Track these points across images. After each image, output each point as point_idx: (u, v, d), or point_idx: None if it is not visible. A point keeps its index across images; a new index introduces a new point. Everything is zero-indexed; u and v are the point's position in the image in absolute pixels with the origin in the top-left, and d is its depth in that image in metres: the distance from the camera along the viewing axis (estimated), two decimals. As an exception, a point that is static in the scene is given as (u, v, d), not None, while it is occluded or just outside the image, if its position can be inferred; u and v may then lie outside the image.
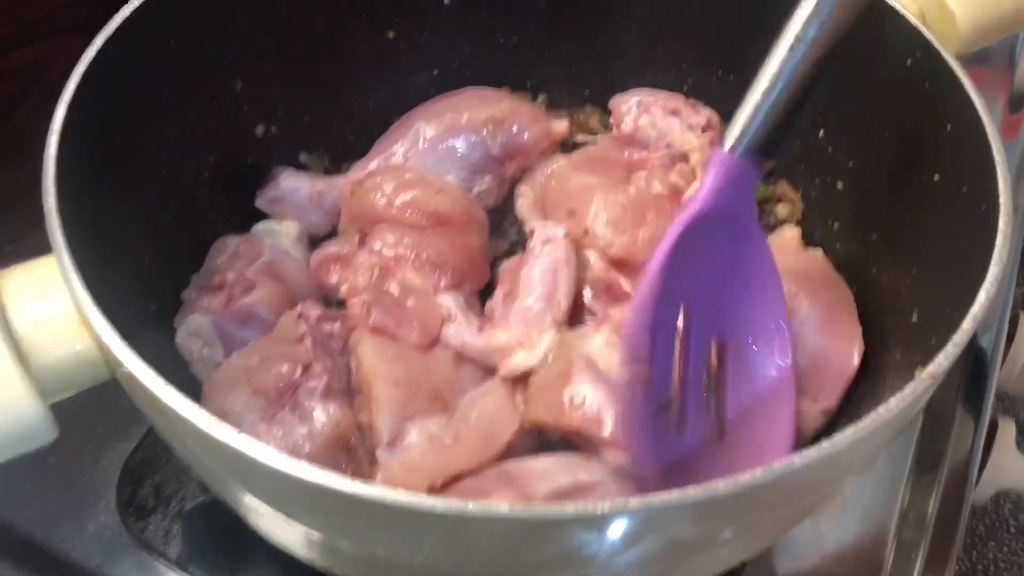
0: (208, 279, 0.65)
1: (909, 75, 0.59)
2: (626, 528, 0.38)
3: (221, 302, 0.63)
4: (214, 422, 0.39)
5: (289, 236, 0.69)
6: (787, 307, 0.60)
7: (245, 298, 0.63)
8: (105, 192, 0.55)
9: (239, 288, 0.64)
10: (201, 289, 0.64)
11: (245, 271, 0.65)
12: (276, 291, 0.65)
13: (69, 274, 0.44)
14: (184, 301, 0.64)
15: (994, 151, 0.52)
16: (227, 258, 0.66)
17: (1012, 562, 1.44)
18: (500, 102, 0.75)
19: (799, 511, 0.50)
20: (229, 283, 0.64)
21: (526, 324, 0.62)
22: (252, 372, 0.57)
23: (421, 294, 0.64)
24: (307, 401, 0.56)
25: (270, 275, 0.65)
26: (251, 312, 0.63)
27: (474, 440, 0.58)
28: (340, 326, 0.63)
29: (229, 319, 0.63)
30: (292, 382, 0.56)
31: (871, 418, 0.41)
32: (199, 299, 0.64)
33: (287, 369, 0.57)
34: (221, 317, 0.63)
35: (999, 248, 0.48)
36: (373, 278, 0.64)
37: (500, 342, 0.61)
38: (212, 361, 0.62)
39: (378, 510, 0.37)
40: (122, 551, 0.65)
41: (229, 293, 0.64)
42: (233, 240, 0.68)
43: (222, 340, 0.62)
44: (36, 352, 0.46)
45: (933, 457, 0.73)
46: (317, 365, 0.57)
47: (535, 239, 0.66)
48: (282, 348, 0.59)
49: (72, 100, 0.51)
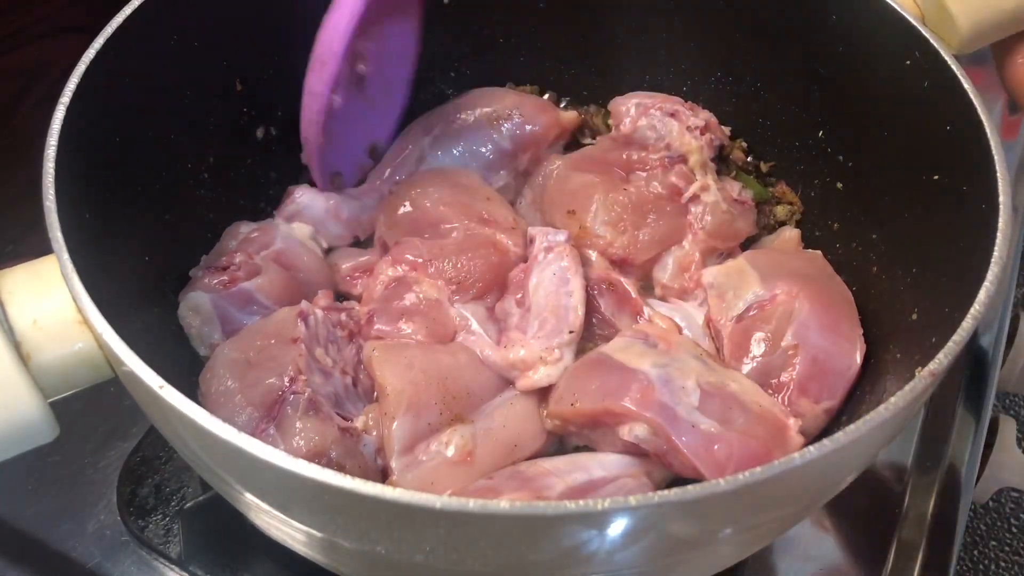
0: (216, 259, 0.66)
1: (909, 76, 0.59)
2: (626, 526, 0.38)
3: (223, 282, 0.64)
4: (214, 421, 0.39)
5: (303, 234, 0.70)
6: (784, 302, 0.62)
7: (247, 282, 0.64)
8: (105, 192, 0.55)
9: (244, 271, 0.64)
10: (208, 268, 0.65)
11: (254, 256, 0.65)
12: (280, 280, 0.65)
13: (69, 274, 0.44)
14: (192, 278, 0.65)
15: (993, 151, 0.52)
16: (238, 242, 0.67)
17: (1013, 561, 1.44)
18: (505, 97, 0.76)
19: (799, 509, 0.50)
20: (235, 265, 0.65)
21: (546, 338, 0.61)
22: (245, 381, 0.57)
23: (434, 304, 0.64)
24: (291, 414, 0.55)
25: (279, 263, 0.66)
26: (251, 296, 0.64)
27: (495, 452, 0.57)
28: (346, 317, 0.63)
29: (228, 300, 0.63)
30: (280, 395, 0.56)
31: (871, 417, 0.41)
32: (204, 277, 0.64)
33: (275, 381, 0.56)
34: (220, 297, 0.63)
35: (999, 248, 0.48)
36: (387, 288, 0.65)
37: (520, 358, 0.60)
38: (209, 339, 0.62)
39: (378, 508, 0.37)
40: (122, 550, 0.65)
41: (232, 275, 0.64)
42: (247, 226, 0.69)
43: (220, 319, 0.62)
44: (36, 351, 0.46)
45: (933, 457, 0.73)
46: (302, 376, 0.56)
47: (536, 246, 0.65)
48: (276, 347, 0.59)
49: (72, 100, 0.51)
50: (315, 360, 0.59)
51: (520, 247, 0.67)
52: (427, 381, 0.58)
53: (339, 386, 0.60)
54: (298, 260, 0.67)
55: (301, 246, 0.68)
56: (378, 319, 0.64)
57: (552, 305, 0.62)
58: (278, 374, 0.56)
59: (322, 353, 0.60)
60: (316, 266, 0.68)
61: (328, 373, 0.59)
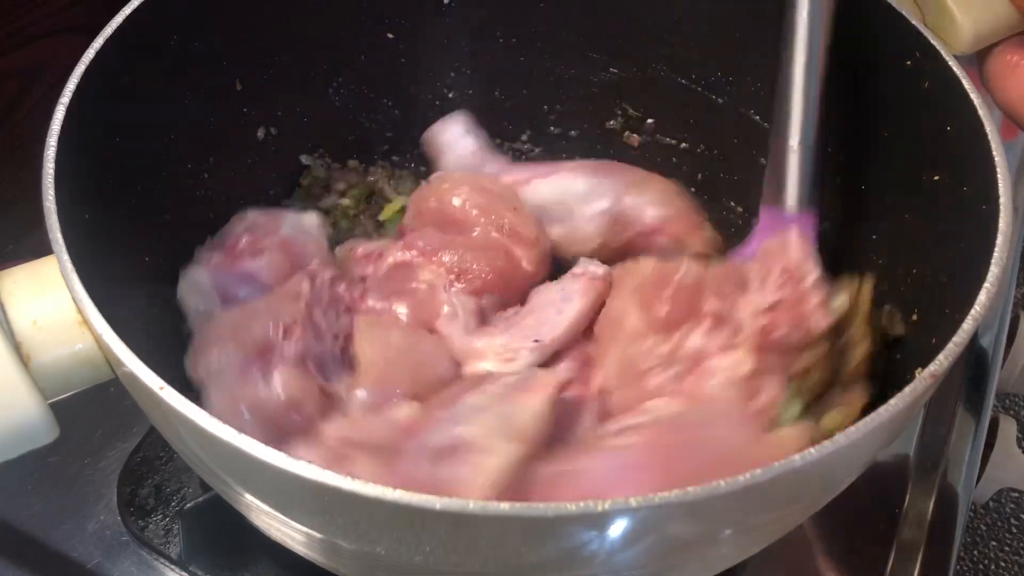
0: (221, 241, 0.66)
1: (909, 76, 0.59)
2: (626, 527, 0.38)
3: (225, 261, 0.64)
4: (215, 422, 0.39)
5: (312, 223, 0.70)
6: None
7: (250, 261, 0.64)
8: (105, 192, 0.55)
9: (247, 253, 0.65)
10: (212, 250, 0.66)
11: (261, 240, 0.66)
12: (283, 263, 0.65)
13: (69, 274, 0.44)
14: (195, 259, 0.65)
15: (994, 151, 0.52)
16: (244, 227, 0.68)
17: (1013, 561, 1.44)
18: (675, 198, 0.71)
19: (799, 510, 0.50)
20: (240, 246, 0.65)
21: (512, 338, 0.60)
22: (238, 326, 0.58)
23: (428, 289, 0.64)
24: (278, 361, 0.56)
25: (282, 249, 0.66)
26: (251, 274, 0.64)
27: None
28: (346, 288, 0.64)
29: (229, 275, 0.63)
30: (271, 341, 0.56)
31: (871, 418, 0.41)
32: (207, 256, 0.65)
33: (270, 328, 0.57)
34: (221, 272, 0.63)
35: (999, 248, 0.48)
36: (390, 269, 0.65)
37: (476, 347, 0.60)
38: (206, 316, 0.62)
39: (377, 509, 0.37)
40: (122, 550, 0.65)
41: (236, 255, 0.65)
42: (254, 213, 0.69)
43: (220, 296, 0.63)
44: (36, 352, 0.46)
45: (933, 457, 0.73)
46: (298, 329, 0.57)
47: (572, 270, 0.64)
48: (277, 303, 0.59)
49: (72, 100, 0.51)
50: (311, 320, 0.59)
51: (534, 264, 0.66)
52: (401, 362, 0.58)
53: (328, 351, 0.60)
54: (303, 248, 0.68)
55: (307, 234, 0.69)
56: (371, 295, 0.64)
57: (539, 313, 0.61)
58: (274, 323, 0.57)
59: (320, 315, 0.60)
60: (322, 256, 0.69)
61: (321, 336, 0.60)
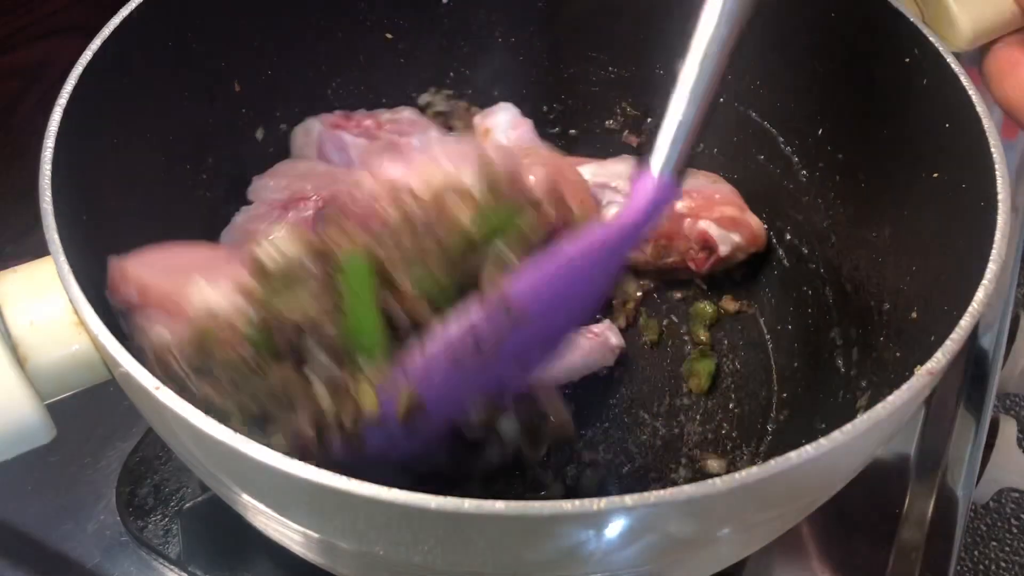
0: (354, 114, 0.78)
1: (908, 73, 0.59)
2: (623, 526, 0.38)
3: (339, 121, 0.75)
4: (210, 422, 0.39)
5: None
6: None
7: (355, 135, 0.75)
8: (103, 193, 0.55)
9: (361, 128, 0.75)
10: (343, 114, 0.77)
11: (382, 128, 0.76)
12: (381, 153, 0.72)
13: (65, 275, 0.44)
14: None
15: (993, 150, 0.52)
16: (391, 115, 0.78)
17: (1013, 561, 1.44)
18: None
19: (798, 509, 0.50)
20: (365, 122, 0.76)
21: None
22: (283, 184, 0.71)
23: None
24: (303, 217, 0.66)
25: (392, 148, 0.74)
26: (345, 146, 0.75)
27: None
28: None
29: (332, 138, 0.74)
30: (304, 199, 0.67)
31: (869, 415, 0.41)
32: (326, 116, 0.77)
33: (312, 192, 0.69)
34: (328, 131, 0.74)
35: (998, 246, 0.48)
36: None
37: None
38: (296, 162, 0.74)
39: (375, 509, 0.37)
40: (122, 550, 0.65)
41: (353, 121, 0.76)
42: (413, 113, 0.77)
43: (317, 148, 0.74)
44: (33, 353, 0.46)
45: (933, 457, 0.73)
46: (313, 196, 0.68)
47: None
48: (323, 175, 0.70)
49: (70, 100, 0.51)
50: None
51: None
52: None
53: None
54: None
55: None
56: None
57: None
58: (316, 191, 0.68)
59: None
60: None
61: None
